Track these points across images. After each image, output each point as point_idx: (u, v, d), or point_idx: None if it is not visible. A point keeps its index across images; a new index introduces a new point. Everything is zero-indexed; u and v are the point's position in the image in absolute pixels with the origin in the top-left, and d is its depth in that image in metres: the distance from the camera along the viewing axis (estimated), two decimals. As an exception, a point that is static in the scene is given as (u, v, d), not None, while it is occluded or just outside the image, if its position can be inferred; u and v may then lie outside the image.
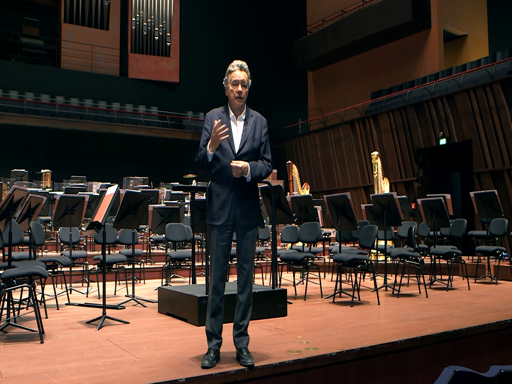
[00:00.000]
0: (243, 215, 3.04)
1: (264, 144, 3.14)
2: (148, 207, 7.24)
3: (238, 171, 2.96)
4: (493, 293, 6.12)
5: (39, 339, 3.62)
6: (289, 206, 6.29)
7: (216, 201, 3.06)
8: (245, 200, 3.05)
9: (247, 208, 3.06)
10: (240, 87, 3.08)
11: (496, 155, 12.68)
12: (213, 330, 3.05)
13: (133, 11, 20.28)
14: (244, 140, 3.08)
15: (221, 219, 3.02)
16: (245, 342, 3.05)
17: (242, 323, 3.05)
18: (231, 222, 3.05)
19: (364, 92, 18.34)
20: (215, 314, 3.04)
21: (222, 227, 3.04)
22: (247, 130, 3.10)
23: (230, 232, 3.07)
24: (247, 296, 3.06)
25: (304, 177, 18.47)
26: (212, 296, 3.04)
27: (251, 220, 3.07)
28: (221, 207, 3.03)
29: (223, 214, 3.02)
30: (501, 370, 1.32)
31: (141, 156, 18.11)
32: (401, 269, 6.88)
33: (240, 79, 3.08)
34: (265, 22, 22.95)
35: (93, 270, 6.16)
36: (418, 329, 3.87)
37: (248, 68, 3.15)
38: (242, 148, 3.06)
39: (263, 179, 3.15)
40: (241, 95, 3.07)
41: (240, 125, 3.12)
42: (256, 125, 3.13)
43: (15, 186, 4.02)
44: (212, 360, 2.94)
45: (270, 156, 3.17)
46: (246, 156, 3.06)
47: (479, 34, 17.92)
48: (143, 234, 10.20)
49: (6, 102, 16.70)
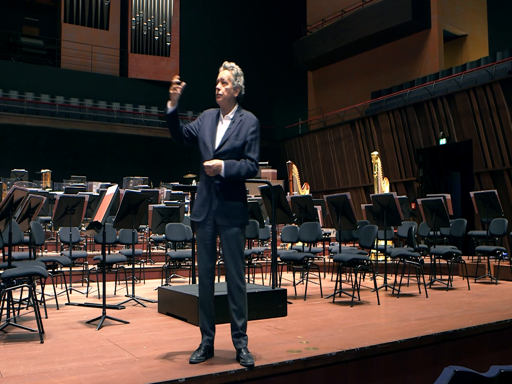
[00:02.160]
0: (221, 213, 3.04)
1: (249, 143, 3.09)
2: (148, 207, 7.24)
3: (210, 170, 2.99)
4: (493, 293, 6.12)
5: (39, 339, 3.62)
6: (289, 206, 6.29)
7: (199, 198, 3.12)
8: (225, 198, 3.05)
9: (226, 206, 3.04)
10: (219, 85, 3.14)
11: (496, 155, 12.68)
12: (203, 325, 3.10)
13: (133, 11, 20.29)
14: (225, 138, 3.09)
15: (201, 216, 3.07)
16: (244, 343, 3.04)
17: (237, 323, 3.05)
18: (211, 221, 3.07)
19: (364, 92, 18.34)
20: (203, 310, 3.09)
21: (204, 225, 3.07)
22: (231, 129, 3.11)
23: (213, 232, 3.09)
24: (237, 296, 3.04)
25: (304, 177, 18.48)
26: (200, 293, 3.11)
27: (230, 219, 3.04)
28: (202, 204, 3.09)
29: (203, 211, 3.07)
30: (501, 370, 1.32)
31: (141, 156, 18.12)
32: (401, 269, 6.88)
33: (219, 77, 3.15)
34: (265, 22, 22.95)
35: (93, 270, 6.15)
36: (418, 329, 3.86)
37: (236, 67, 3.17)
38: (221, 146, 3.07)
39: (244, 178, 3.08)
40: (218, 92, 3.13)
41: (226, 124, 3.15)
42: (242, 125, 3.12)
43: (15, 186, 4.02)
44: (200, 356, 3.00)
45: (256, 156, 3.10)
46: (225, 155, 3.05)
47: (479, 34, 17.92)
48: (143, 234, 10.20)
49: (6, 102, 16.70)
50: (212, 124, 3.15)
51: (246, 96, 3.24)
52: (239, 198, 3.11)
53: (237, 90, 3.15)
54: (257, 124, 3.16)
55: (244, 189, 3.23)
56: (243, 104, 3.26)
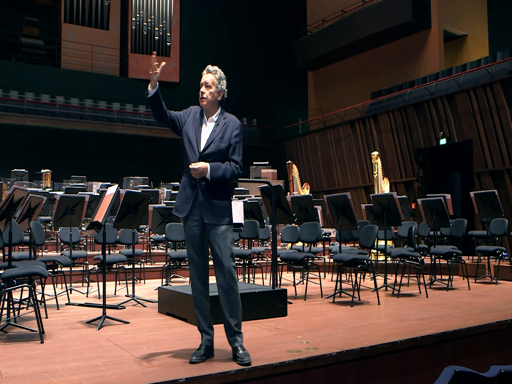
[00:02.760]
0: (208, 212, 3.07)
1: (233, 146, 3.14)
2: (148, 207, 7.24)
3: (196, 173, 3.02)
4: (493, 293, 6.12)
5: (39, 339, 3.62)
6: (289, 206, 6.29)
7: (182, 194, 3.16)
8: (211, 197, 3.09)
9: (212, 205, 3.08)
10: (203, 88, 3.18)
11: (496, 155, 12.68)
12: (201, 326, 3.13)
13: (133, 11, 20.28)
14: (210, 141, 3.12)
15: (184, 212, 3.11)
16: (240, 340, 3.06)
17: (231, 322, 3.05)
18: (198, 221, 3.09)
19: (364, 92, 18.33)
20: (198, 310, 3.12)
21: (191, 226, 3.10)
22: (215, 131, 3.15)
23: (200, 232, 3.11)
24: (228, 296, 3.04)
25: (304, 177, 18.47)
26: (193, 294, 3.14)
27: (217, 217, 3.08)
28: (185, 200, 3.13)
29: (186, 208, 3.11)
30: (501, 370, 1.32)
31: (141, 156, 18.11)
32: (401, 269, 6.88)
33: (203, 81, 3.19)
34: (265, 22, 22.93)
35: (93, 270, 6.15)
36: (418, 329, 3.87)
37: (219, 71, 3.22)
38: (207, 148, 3.11)
39: (229, 180, 3.13)
40: (203, 96, 3.17)
41: (210, 126, 3.18)
42: (227, 127, 3.16)
43: (15, 186, 4.02)
44: (201, 356, 3.02)
45: (240, 158, 3.16)
46: (210, 157, 3.09)
47: (479, 34, 17.92)
48: (143, 234, 10.20)
49: (6, 102, 16.70)
50: (196, 124, 3.18)
51: (246, 96, 3.25)
52: (225, 197, 3.16)
53: (220, 93, 3.20)
54: (241, 127, 3.24)
55: (229, 188, 3.25)
56: (243, 103, 3.27)
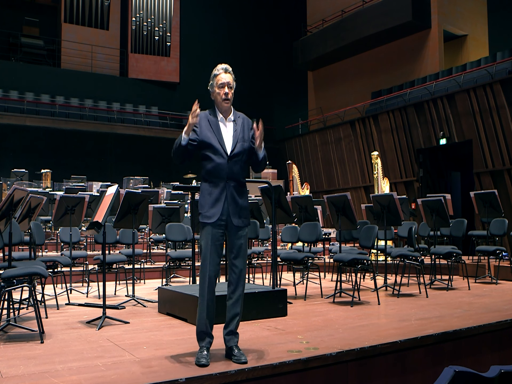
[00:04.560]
0: (236, 213, 3.10)
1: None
2: (148, 207, 7.24)
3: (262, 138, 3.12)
4: (493, 293, 6.12)
5: (39, 339, 3.62)
6: (289, 206, 6.29)
7: (209, 199, 3.11)
8: (238, 199, 3.12)
9: (239, 207, 3.12)
10: (227, 89, 3.15)
11: (496, 155, 12.68)
12: (208, 328, 3.12)
13: (133, 11, 20.28)
14: (235, 140, 3.15)
15: (214, 217, 3.07)
16: (236, 340, 3.11)
17: (234, 321, 3.10)
18: (224, 222, 3.10)
19: (364, 92, 18.33)
20: (208, 311, 3.10)
21: (215, 226, 3.08)
22: (237, 131, 3.17)
23: (223, 232, 3.13)
24: (240, 294, 3.12)
25: (304, 177, 18.47)
26: (208, 295, 3.08)
27: (242, 219, 3.14)
28: (213, 205, 3.09)
29: (216, 212, 3.07)
30: (501, 370, 1.32)
31: (141, 156, 18.09)
32: (401, 269, 6.88)
33: (226, 81, 3.16)
34: (265, 22, 22.93)
35: (93, 270, 6.15)
36: (418, 329, 3.86)
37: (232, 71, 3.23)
38: (235, 148, 3.13)
39: (265, 164, 3.25)
40: (228, 97, 3.15)
41: (230, 126, 3.19)
42: (244, 126, 3.21)
43: (15, 186, 4.02)
44: (209, 358, 3.01)
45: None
46: (238, 156, 3.13)
47: (479, 34, 17.92)
48: (143, 234, 10.20)
49: (6, 102, 16.70)
50: (214, 126, 3.15)
51: (246, 96, 3.27)
52: (246, 197, 3.23)
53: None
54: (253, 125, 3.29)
55: (247, 190, 3.33)
56: (243, 103, 3.28)
